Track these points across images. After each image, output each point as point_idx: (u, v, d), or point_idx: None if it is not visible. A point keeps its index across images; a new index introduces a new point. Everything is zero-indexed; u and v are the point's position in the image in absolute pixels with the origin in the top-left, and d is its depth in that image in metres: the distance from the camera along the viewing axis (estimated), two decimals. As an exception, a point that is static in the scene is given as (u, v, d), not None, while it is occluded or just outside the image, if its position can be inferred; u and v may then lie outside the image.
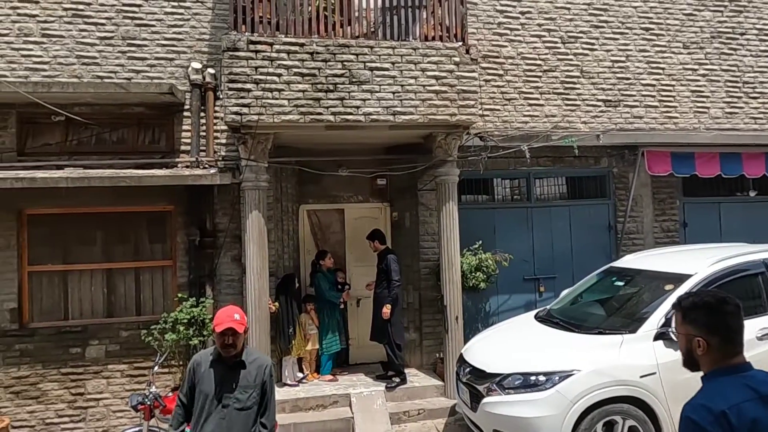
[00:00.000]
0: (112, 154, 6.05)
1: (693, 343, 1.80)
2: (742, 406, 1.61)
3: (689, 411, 1.67)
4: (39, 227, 5.95)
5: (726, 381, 1.70)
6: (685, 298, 1.90)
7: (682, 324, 1.86)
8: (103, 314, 6.04)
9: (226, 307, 3.09)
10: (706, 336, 1.77)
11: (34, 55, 5.88)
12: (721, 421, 1.58)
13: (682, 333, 1.86)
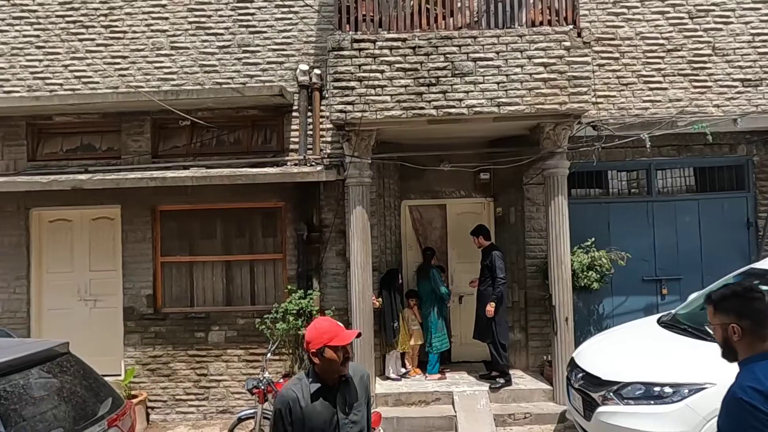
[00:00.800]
0: (229, 155, 6.52)
1: (728, 330, 1.94)
2: None
3: (740, 393, 1.77)
4: (169, 222, 6.58)
5: (766, 364, 1.82)
6: (714, 292, 2.05)
7: (715, 315, 2.01)
8: (223, 303, 6.54)
9: (323, 319, 2.50)
10: (738, 321, 1.91)
11: (164, 66, 6.50)
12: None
13: (716, 324, 2.00)
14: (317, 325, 2.35)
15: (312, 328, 2.31)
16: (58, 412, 2.89)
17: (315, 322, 2.40)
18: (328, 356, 2.24)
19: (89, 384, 3.17)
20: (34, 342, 3.33)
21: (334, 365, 2.26)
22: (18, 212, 6.53)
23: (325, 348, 2.23)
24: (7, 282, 6.52)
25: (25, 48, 6.57)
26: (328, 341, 2.23)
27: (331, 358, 2.24)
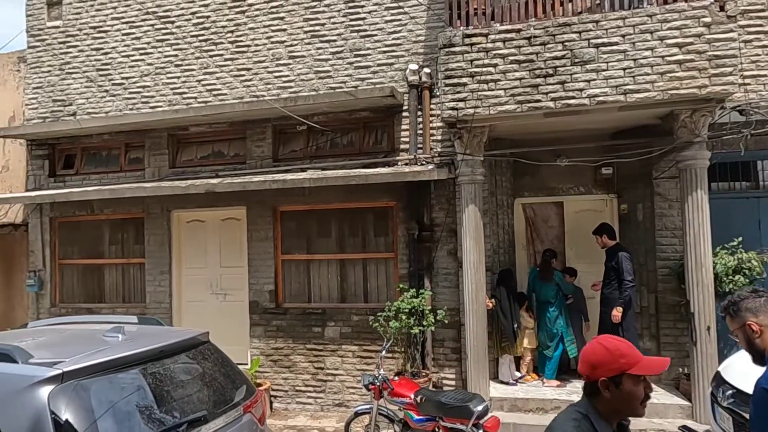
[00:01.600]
0: (343, 156, 6.74)
1: (747, 331, 2.08)
2: None
3: (764, 383, 1.89)
4: (289, 222, 6.97)
5: None
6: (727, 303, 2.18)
7: (732, 322, 2.14)
8: (338, 299, 6.77)
9: (612, 338, 1.77)
10: (754, 318, 2.07)
11: (283, 75, 6.90)
12: None
13: (736, 329, 2.12)
14: (608, 343, 1.72)
15: (600, 348, 1.72)
16: (201, 396, 3.15)
17: (602, 339, 1.76)
18: (627, 390, 1.66)
19: (226, 371, 3.43)
20: (181, 330, 3.68)
21: (632, 404, 1.68)
22: (161, 214, 7.31)
23: (624, 377, 1.66)
24: (153, 276, 7.34)
25: (166, 67, 7.34)
26: (627, 367, 1.67)
27: (630, 393, 1.66)
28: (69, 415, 2.53)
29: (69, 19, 7.77)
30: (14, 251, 8.09)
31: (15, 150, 8.13)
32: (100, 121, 7.19)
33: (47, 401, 2.52)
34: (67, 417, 2.52)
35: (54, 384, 2.58)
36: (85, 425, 2.54)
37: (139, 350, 2.97)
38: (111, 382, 2.79)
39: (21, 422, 2.50)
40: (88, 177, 7.69)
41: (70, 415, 2.54)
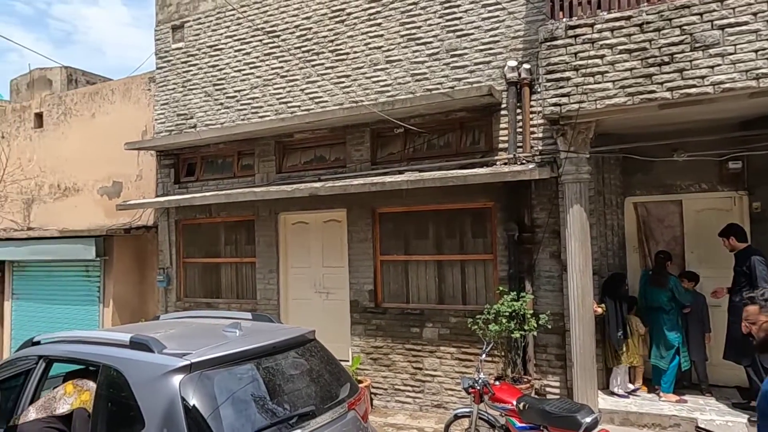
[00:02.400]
0: (440, 157, 6.74)
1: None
2: None
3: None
4: (387, 223, 7.11)
5: None
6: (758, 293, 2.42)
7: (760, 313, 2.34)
8: (436, 301, 6.78)
9: None
10: None
11: (380, 79, 7.05)
12: None
13: (762, 322, 2.32)
14: None
15: None
16: (309, 391, 3.33)
17: None
18: None
19: (331, 369, 3.59)
20: (290, 328, 3.91)
21: None
22: (270, 216, 7.82)
23: None
24: (263, 274, 7.86)
25: (273, 78, 7.82)
26: None
27: None
28: (196, 401, 2.80)
29: (190, 41, 8.58)
30: (147, 251, 9.09)
31: (147, 160, 9.14)
32: (215, 132, 7.85)
33: (179, 388, 2.81)
34: (194, 403, 2.79)
35: (184, 373, 2.87)
36: (209, 411, 2.79)
37: (255, 345, 3.21)
38: (230, 373, 3.04)
39: (158, 405, 2.81)
40: (206, 183, 8.43)
41: (197, 401, 2.80)
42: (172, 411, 2.75)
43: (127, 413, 2.92)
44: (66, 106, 10.18)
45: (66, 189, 10.02)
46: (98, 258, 8.57)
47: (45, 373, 3.70)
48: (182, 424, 2.69)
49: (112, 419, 3.01)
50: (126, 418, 2.91)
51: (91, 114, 9.83)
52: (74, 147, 9.91)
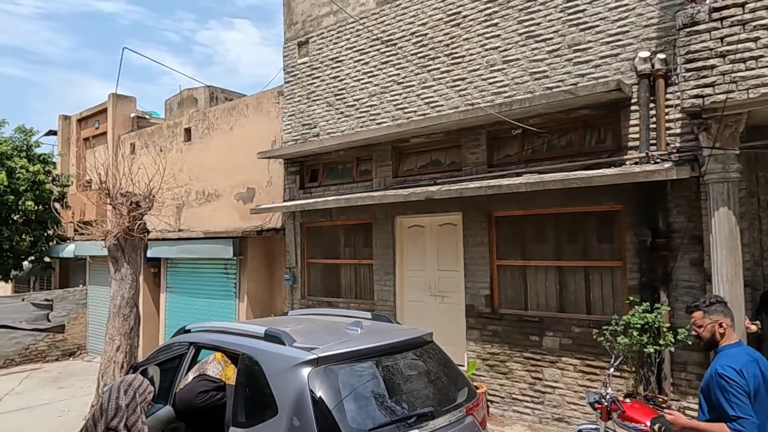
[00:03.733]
0: (561, 159, 6.42)
1: (715, 327, 2.94)
2: (747, 365, 2.79)
3: (720, 370, 2.77)
4: (504, 227, 6.94)
5: (735, 351, 2.88)
6: (700, 301, 3.07)
7: (704, 317, 2.98)
8: (556, 308, 6.46)
9: None
10: (723, 319, 2.94)
11: (497, 80, 6.91)
12: (740, 374, 2.73)
13: (707, 324, 2.96)
14: None
15: None
16: (427, 393, 3.38)
17: None
18: None
19: (449, 372, 3.60)
20: (409, 329, 4.00)
21: None
22: (387, 220, 8.04)
23: None
24: (380, 275, 8.11)
25: (390, 86, 8.05)
26: None
27: None
28: (322, 393, 2.98)
29: (313, 55, 9.16)
30: (275, 251, 9.85)
31: (276, 168, 9.91)
32: (336, 140, 8.28)
33: (307, 380, 3.02)
34: (320, 394, 2.97)
35: (312, 366, 3.08)
36: (334, 403, 2.96)
37: (375, 344, 3.34)
38: (352, 369, 3.19)
39: (289, 394, 3.04)
40: (328, 188, 8.92)
41: (323, 393, 2.99)
42: (301, 400, 2.96)
43: (262, 399, 3.19)
44: (209, 121, 11.42)
45: (209, 195, 11.23)
46: (235, 257, 9.48)
47: (195, 358, 4.18)
48: (310, 414, 2.88)
49: (249, 403, 3.32)
50: (261, 403, 3.19)
51: (229, 127, 10.91)
52: (215, 157, 11.08)
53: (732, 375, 2.72)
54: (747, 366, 2.77)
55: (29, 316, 12.19)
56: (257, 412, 3.19)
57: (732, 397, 2.69)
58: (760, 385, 2.77)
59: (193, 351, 4.16)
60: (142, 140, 13.10)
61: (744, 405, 2.66)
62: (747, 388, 2.70)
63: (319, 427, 2.84)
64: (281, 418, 2.98)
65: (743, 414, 2.65)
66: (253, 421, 3.18)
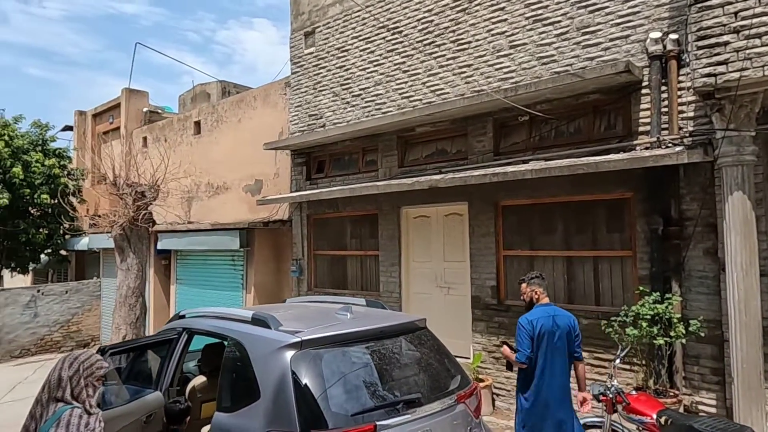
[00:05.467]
0: (569, 145, 6.22)
1: (532, 294, 4.21)
2: (540, 318, 4.01)
3: (520, 320, 4.07)
4: (510, 216, 6.76)
5: (538, 309, 4.12)
6: (525, 277, 4.38)
7: (528, 287, 4.25)
8: (564, 300, 6.26)
9: None
10: (539, 289, 4.21)
11: (503, 66, 6.73)
12: (531, 323, 3.99)
13: (529, 291, 4.24)
14: None
15: None
16: (417, 379, 3.26)
17: None
18: None
19: (441, 359, 3.47)
20: (401, 315, 3.90)
21: None
22: (392, 210, 7.92)
23: None
24: (385, 267, 8.00)
25: (395, 74, 7.92)
26: None
27: None
28: (305, 376, 2.89)
29: (320, 45, 9.07)
30: (283, 243, 9.81)
31: (283, 160, 9.86)
32: (340, 129, 8.18)
33: (289, 363, 2.92)
34: (303, 378, 2.88)
35: (295, 349, 2.98)
36: (316, 387, 2.86)
37: (363, 328, 3.23)
38: (338, 353, 3.09)
39: (271, 377, 2.95)
40: (334, 179, 8.83)
41: (306, 377, 2.89)
42: (282, 384, 2.86)
43: (247, 383, 3.11)
44: (218, 114, 11.43)
45: (217, 187, 11.25)
46: (242, 249, 9.46)
47: (187, 344, 4.12)
48: (291, 397, 2.79)
49: (234, 388, 3.24)
50: (246, 387, 3.11)
51: (237, 120, 10.90)
52: (224, 150, 11.08)
53: (524, 323, 4.02)
54: (539, 319, 4.00)
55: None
56: (241, 397, 3.11)
57: (518, 337, 4.02)
58: (546, 331, 3.96)
59: (186, 337, 4.10)
60: (153, 134, 13.19)
61: (523, 342, 3.97)
62: (532, 333, 3.96)
63: (300, 411, 2.74)
64: (262, 402, 2.90)
65: (521, 348, 3.97)
66: (236, 406, 3.10)
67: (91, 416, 2.60)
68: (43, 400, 2.54)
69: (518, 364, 4.01)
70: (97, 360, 2.72)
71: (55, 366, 2.62)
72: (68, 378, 2.57)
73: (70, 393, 2.56)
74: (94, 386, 2.69)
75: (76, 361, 2.64)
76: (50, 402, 2.53)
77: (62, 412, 2.49)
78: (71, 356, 2.66)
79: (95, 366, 2.69)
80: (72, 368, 2.60)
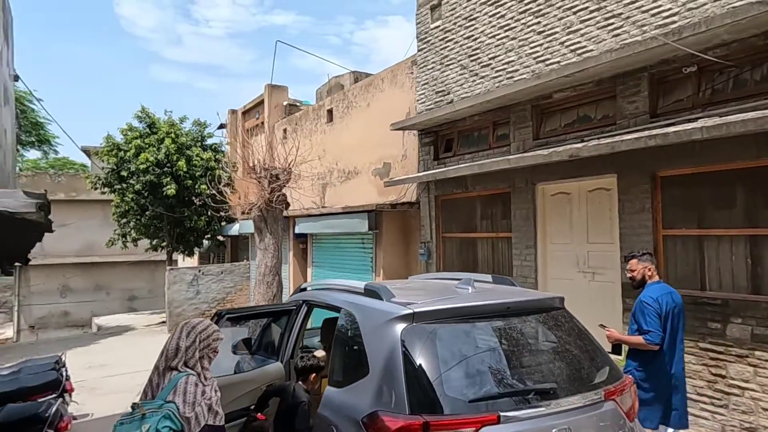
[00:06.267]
0: (753, 98, 4.98)
1: (645, 272, 4.14)
2: (662, 296, 3.95)
3: (644, 298, 3.98)
4: (671, 189, 5.68)
5: (656, 286, 4.06)
6: (634, 252, 4.34)
7: (639, 263, 4.18)
8: (747, 289, 5.07)
9: None
10: (652, 266, 4.19)
11: (662, 9, 5.63)
12: (657, 301, 3.90)
13: (639, 268, 4.16)
14: None
15: None
16: (552, 367, 2.72)
17: None
18: None
19: (584, 346, 2.87)
20: (531, 291, 3.35)
21: None
22: (526, 187, 7.22)
23: None
24: (519, 250, 7.33)
25: (529, 37, 7.17)
26: None
27: None
28: (417, 352, 2.54)
29: (446, 17, 8.62)
30: (411, 225, 9.62)
31: (410, 141, 9.64)
32: (468, 102, 7.66)
33: (400, 337, 2.60)
34: (414, 354, 2.54)
35: (406, 322, 2.65)
36: (429, 366, 2.50)
37: (485, 302, 2.78)
38: (455, 329, 2.69)
39: (381, 351, 2.66)
40: (462, 157, 8.36)
41: (418, 353, 2.55)
42: (392, 360, 2.55)
43: (356, 357, 2.87)
44: (348, 101, 11.61)
45: (349, 172, 11.45)
46: (370, 231, 9.47)
47: (307, 316, 4.05)
48: (401, 375, 2.46)
49: (345, 361, 3.02)
50: (355, 362, 2.87)
51: (366, 104, 10.95)
52: (354, 135, 11.23)
53: (650, 300, 3.91)
54: (662, 297, 3.94)
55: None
56: (350, 372, 2.87)
57: (647, 317, 3.85)
58: (669, 310, 3.92)
59: (305, 309, 4.04)
60: (291, 125, 13.93)
61: (654, 322, 3.82)
62: (659, 311, 3.86)
63: (410, 391, 2.40)
64: (371, 378, 2.62)
65: (653, 328, 3.81)
66: (346, 381, 2.87)
67: (207, 385, 2.57)
68: (160, 368, 2.55)
69: (647, 346, 3.86)
70: (214, 331, 2.68)
71: (172, 334, 2.63)
72: (185, 348, 2.56)
73: (185, 362, 2.54)
74: (210, 357, 2.65)
75: (194, 331, 2.61)
76: (167, 371, 2.53)
77: (178, 380, 2.48)
78: (189, 325, 2.65)
79: (212, 337, 2.66)
80: (189, 338, 2.59)
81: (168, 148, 13.98)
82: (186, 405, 2.41)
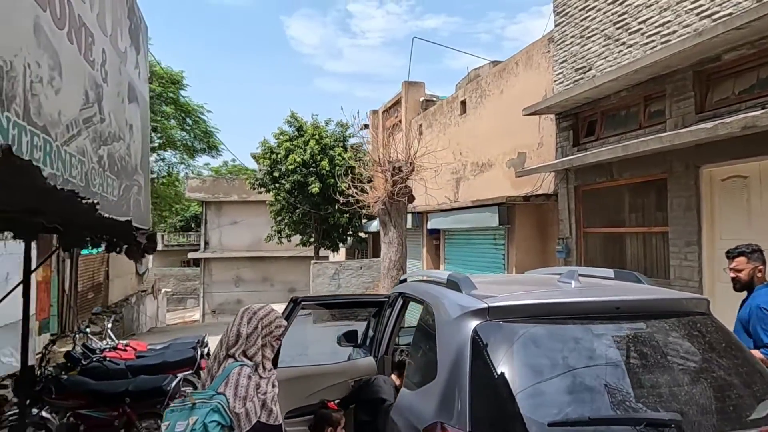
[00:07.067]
0: None
1: (755, 272, 3.48)
2: None
3: (762, 304, 3.27)
4: None
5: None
6: (740, 249, 3.59)
7: (748, 263, 3.51)
8: None
9: None
10: (762, 265, 3.49)
11: None
12: None
13: (749, 268, 3.50)
14: None
15: None
16: (679, 391, 1.99)
17: None
18: None
19: (733, 365, 2.06)
20: (659, 290, 2.57)
21: None
22: (686, 172, 5.97)
23: None
24: (678, 247, 6.09)
25: (689, -11, 5.91)
26: None
27: None
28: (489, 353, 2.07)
29: (587, -17, 7.61)
30: (547, 220, 8.71)
31: (547, 127, 8.75)
32: (611, 75, 6.60)
33: (470, 335, 2.15)
34: (486, 355, 2.06)
35: (480, 319, 2.19)
36: (502, 370, 2.00)
37: (585, 300, 2.18)
38: (547, 331, 2.14)
39: (449, 351, 2.24)
40: (606, 141, 7.28)
41: (492, 357, 2.07)
42: (458, 362, 2.12)
43: (429, 357, 2.48)
44: (482, 90, 11.03)
45: (482, 165, 10.86)
46: (501, 226, 8.80)
47: (403, 309, 3.75)
48: (465, 382, 2.01)
49: (419, 361, 2.65)
50: (427, 362, 2.48)
51: (499, 91, 10.26)
52: (487, 125, 10.61)
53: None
54: None
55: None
56: (422, 373, 2.49)
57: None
58: None
59: (401, 302, 3.74)
60: (426, 120, 13.75)
61: None
62: None
63: (473, 404, 1.94)
64: (438, 382, 2.20)
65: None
66: (418, 382, 2.49)
67: (263, 378, 2.37)
68: (220, 356, 2.42)
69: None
70: (276, 317, 2.51)
71: (233, 321, 2.49)
72: (246, 335, 2.40)
73: (244, 351, 2.38)
74: (272, 346, 2.48)
75: (255, 317, 2.46)
76: (226, 358, 2.40)
77: (231, 370, 2.31)
78: (250, 311, 2.50)
79: (274, 324, 2.49)
80: (251, 325, 2.43)
81: (312, 149, 14.84)
82: (237, 399, 2.23)
